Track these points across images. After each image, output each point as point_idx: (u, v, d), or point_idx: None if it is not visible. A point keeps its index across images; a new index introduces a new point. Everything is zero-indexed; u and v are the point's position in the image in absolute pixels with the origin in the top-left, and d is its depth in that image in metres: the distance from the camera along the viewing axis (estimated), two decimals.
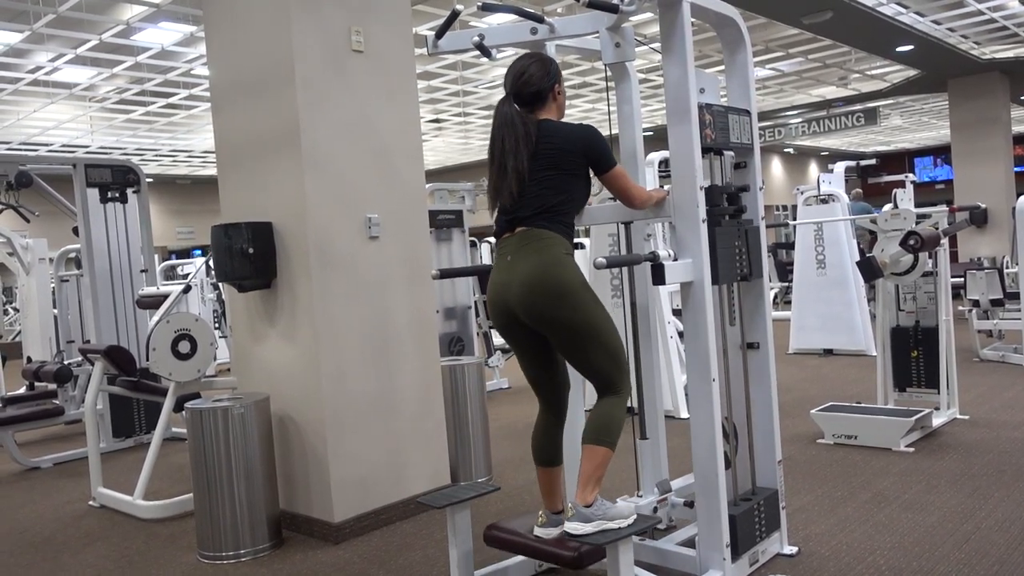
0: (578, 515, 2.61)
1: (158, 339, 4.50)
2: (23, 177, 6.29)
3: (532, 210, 2.69)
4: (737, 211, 3.07)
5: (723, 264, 2.90)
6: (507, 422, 6.26)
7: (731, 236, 2.97)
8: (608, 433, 2.66)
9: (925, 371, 5.27)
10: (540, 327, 2.68)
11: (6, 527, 4.53)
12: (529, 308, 2.64)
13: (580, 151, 2.72)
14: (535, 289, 2.61)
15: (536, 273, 2.62)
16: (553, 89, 2.80)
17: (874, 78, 13.91)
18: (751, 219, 3.16)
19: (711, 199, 2.89)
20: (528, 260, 2.64)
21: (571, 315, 2.61)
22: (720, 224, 2.93)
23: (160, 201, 19.42)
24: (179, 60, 9.98)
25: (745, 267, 3.05)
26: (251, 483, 3.73)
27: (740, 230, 3.03)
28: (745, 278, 3.08)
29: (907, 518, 3.58)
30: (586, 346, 2.64)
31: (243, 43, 4.04)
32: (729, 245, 2.95)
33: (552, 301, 2.60)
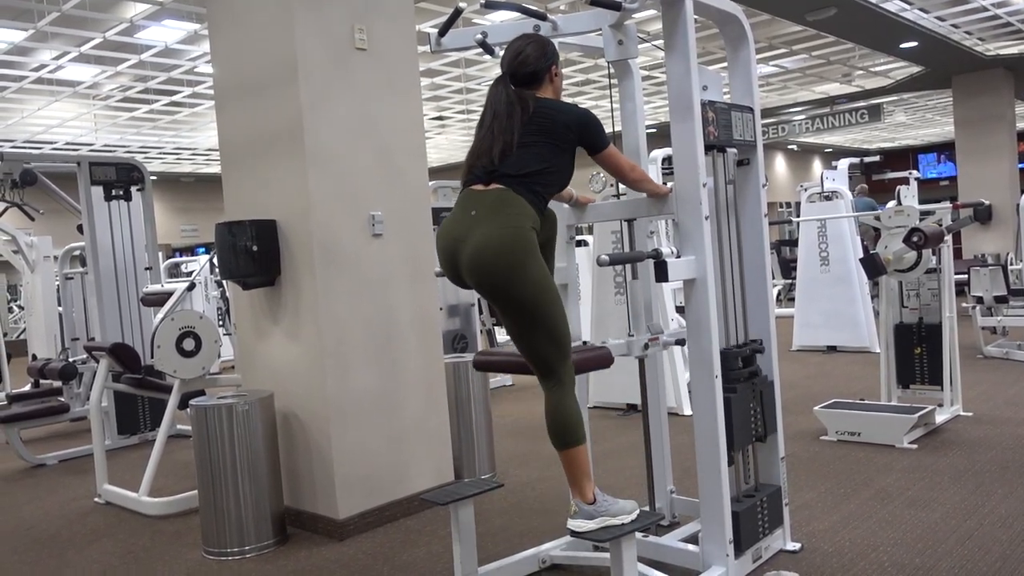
0: (581, 513, 2.61)
1: (163, 336, 4.51)
2: (28, 175, 6.31)
3: (513, 170, 2.60)
4: (752, 374, 3.08)
5: (739, 430, 2.95)
6: (511, 419, 6.27)
7: (746, 400, 3.01)
8: (570, 432, 2.62)
9: (928, 368, 5.26)
10: (484, 295, 2.61)
11: (12, 524, 4.55)
12: (476, 273, 2.56)
13: (575, 128, 2.68)
14: (486, 256, 2.52)
15: (493, 240, 2.51)
16: (550, 70, 2.78)
17: (878, 75, 13.88)
18: (766, 375, 3.17)
19: (726, 363, 2.91)
20: (490, 224, 2.54)
21: (517, 291, 2.51)
22: (736, 391, 2.95)
23: (164, 199, 19.44)
24: (183, 58, 10.00)
25: (760, 427, 3.09)
26: (255, 480, 3.74)
27: (755, 391, 3.06)
28: (760, 439, 3.10)
29: (910, 514, 3.59)
30: (529, 326, 2.56)
31: (247, 41, 4.05)
32: (744, 409, 2.99)
33: (500, 272, 2.51)
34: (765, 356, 3.21)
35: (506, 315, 2.61)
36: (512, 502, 4.19)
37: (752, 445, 3.19)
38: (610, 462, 4.76)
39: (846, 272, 8.20)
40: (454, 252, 2.63)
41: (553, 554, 3.26)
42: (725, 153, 3.10)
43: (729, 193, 3.14)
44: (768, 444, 3.24)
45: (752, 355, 3.12)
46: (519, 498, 4.25)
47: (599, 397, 6.39)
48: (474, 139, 2.73)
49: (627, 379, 5.85)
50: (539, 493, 4.32)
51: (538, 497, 4.25)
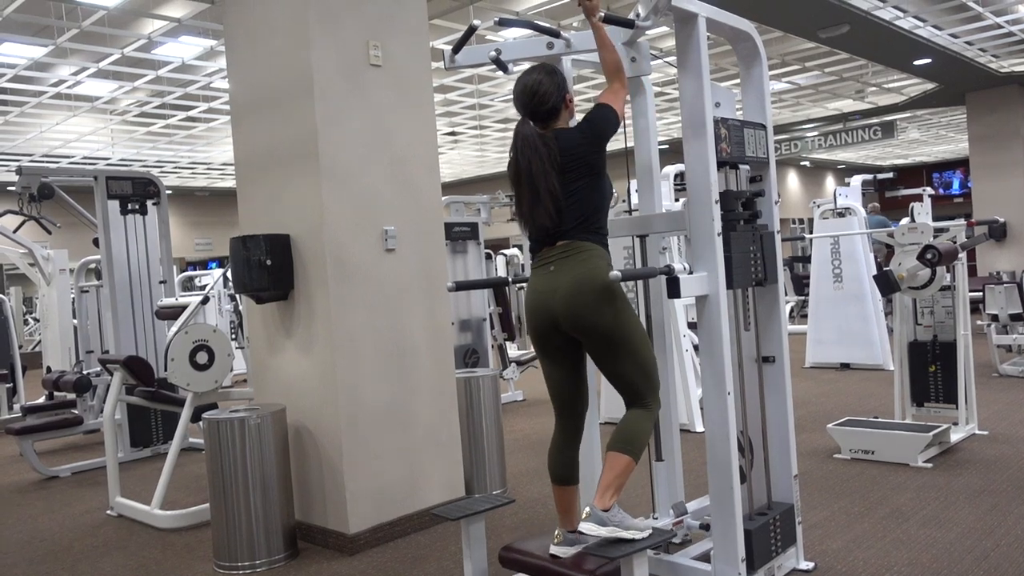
0: (594, 517, 2.62)
1: (176, 350, 4.54)
2: (45, 189, 6.38)
3: (572, 223, 2.74)
4: (752, 216, 3.07)
5: (738, 269, 2.91)
6: (522, 434, 6.26)
7: (746, 241, 2.97)
8: (632, 443, 2.68)
9: (943, 386, 5.22)
10: (578, 331, 2.71)
11: (25, 535, 4.57)
12: (571, 311, 2.68)
13: (594, 142, 2.77)
14: (581, 291, 2.67)
15: (583, 278, 2.68)
16: (565, 99, 2.83)
17: (891, 91, 13.86)
18: (766, 224, 3.15)
19: (726, 204, 2.89)
20: (575, 268, 2.71)
21: (611, 321, 2.66)
22: (735, 229, 2.94)
23: (179, 213, 19.60)
24: (199, 74, 10.10)
25: (760, 272, 3.05)
26: (267, 493, 3.75)
27: (755, 235, 3.04)
28: (760, 283, 3.07)
29: (925, 534, 3.55)
30: (620, 353, 2.69)
31: (262, 57, 4.10)
32: (744, 250, 2.95)
33: (595, 305, 2.66)
34: (777, 367, 3.19)
35: (600, 349, 2.72)
36: (523, 518, 4.18)
37: (766, 462, 3.17)
38: None
39: (859, 289, 8.16)
40: (546, 306, 2.75)
41: None
42: (738, 170, 3.10)
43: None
44: (780, 462, 3.22)
45: (752, 199, 3.10)
46: (530, 514, 4.24)
47: (611, 413, 6.37)
48: (515, 193, 2.81)
49: None
50: (550, 510, 4.30)
51: (549, 513, 4.23)
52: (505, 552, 2.88)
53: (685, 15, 2.81)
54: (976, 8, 9.36)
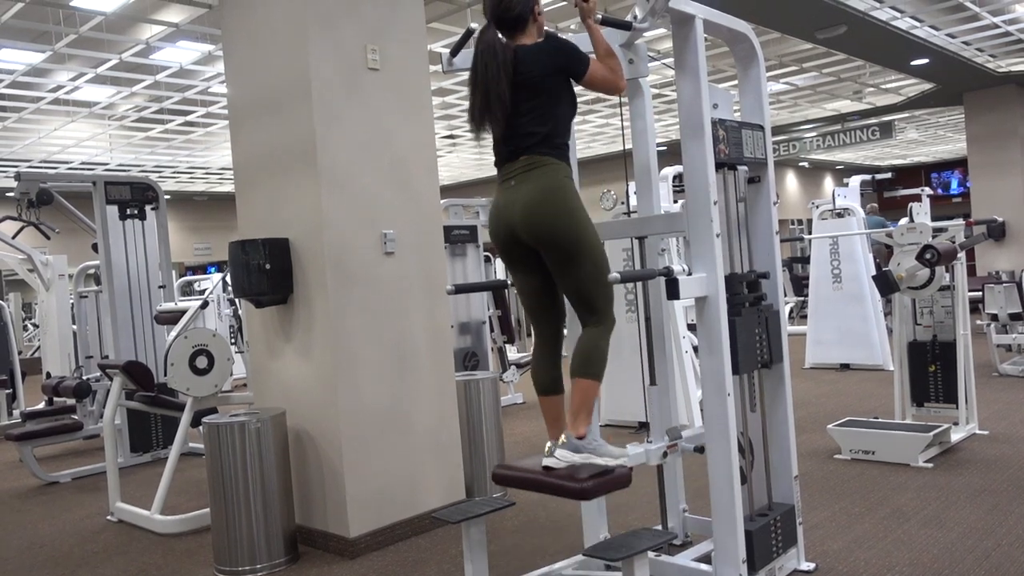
0: (568, 444, 2.66)
1: (176, 354, 4.54)
2: (44, 195, 6.38)
3: (531, 140, 2.72)
4: (757, 299, 3.07)
5: (744, 353, 2.92)
6: (523, 437, 6.25)
7: (751, 323, 2.99)
8: (593, 365, 2.71)
9: (943, 386, 5.22)
10: (538, 243, 2.71)
11: (25, 541, 4.56)
12: (529, 222, 2.69)
13: (556, 69, 2.72)
14: (539, 204, 2.68)
15: (541, 189, 2.69)
16: (533, 11, 2.80)
17: (889, 92, 13.87)
18: (771, 303, 3.15)
19: (731, 288, 2.91)
20: (534, 181, 2.71)
21: (567, 230, 2.66)
22: (740, 314, 2.94)
23: (177, 217, 19.59)
24: (197, 79, 10.11)
25: (766, 354, 3.07)
26: (267, 498, 3.75)
27: (760, 317, 3.05)
28: (766, 365, 3.08)
29: (926, 534, 3.55)
30: (577, 264, 2.69)
31: (261, 61, 4.10)
32: (750, 333, 2.97)
33: (553, 216, 2.67)
34: (777, 368, 3.19)
35: (559, 260, 2.71)
36: (523, 520, 4.17)
37: (767, 463, 3.16)
38: None
39: (859, 289, 8.16)
40: (507, 219, 2.76)
41: (564, 573, 3.24)
42: (736, 171, 3.10)
43: (740, 211, 3.14)
44: (781, 463, 3.22)
45: (757, 280, 3.10)
46: (530, 517, 4.24)
47: (612, 415, 6.37)
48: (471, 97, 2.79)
49: (640, 397, 5.83)
50: (550, 512, 4.30)
51: (549, 516, 4.23)
52: (499, 470, 2.89)
53: (682, 17, 2.81)
54: (973, 8, 9.37)
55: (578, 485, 2.60)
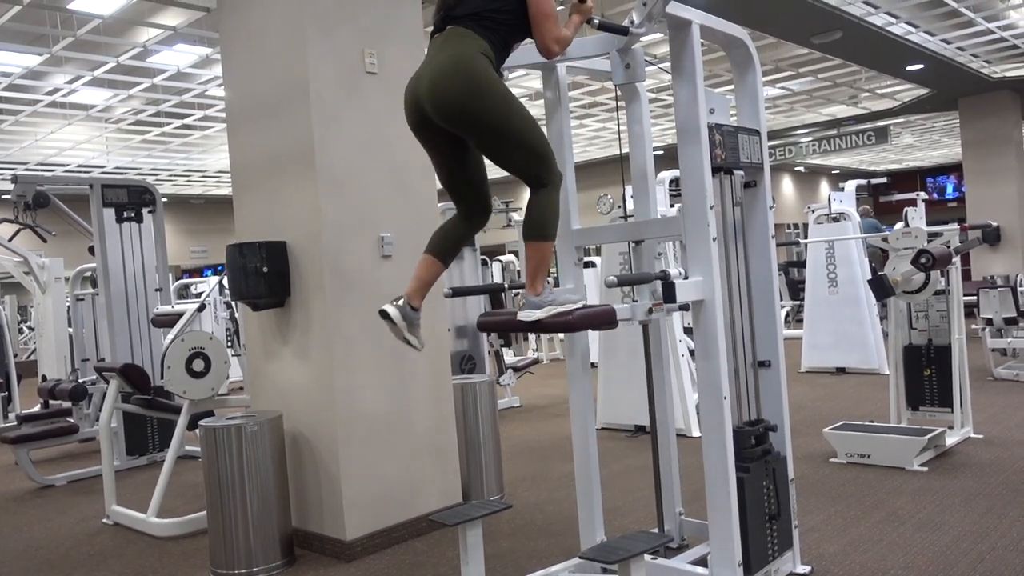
0: (529, 304, 2.62)
1: (172, 357, 4.54)
2: (40, 197, 6.38)
3: (465, 10, 2.58)
4: (764, 452, 3.09)
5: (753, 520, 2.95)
6: (519, 440, 6.26)
7: (759, 478, 3.02)
8: (545, 227, 2.60)
9: (938, 390, 5.24)
10: (451, 124, 2.55)
11: (21, 544, 4.55)
12: (437, 102, 2.51)
13: None
14: (444, 81, 2.49)
15: (447, 65, 2.51)
16: None
17: (884, 97, 13.93)
18: (779, 451, 3.18)
19: (739, 443, 2.93)
20: (443, 52, 2.54)
21: (481, 109, 2.48)
22: (749, 471, 2.96)
23: (174, 220, 19.56)
24: (194, 82, 10.11)
25: (774, 507, 3.09)
26: (264, 501, 3.75)
27: (768, 469, 3.08)
28: (773, 517, 3.09)
29: (921, 537, 3.56)
30: (502, 142, 2.54)
31: (259, 65, 4.11)
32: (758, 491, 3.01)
33: (460, 94, 2.47)
34: (773, 371, 3.20)
35: (480, 138, 2.57)
36: (520, 524, 4.18)
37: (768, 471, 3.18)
38: (618, 484, 4.75)
39: (854, 293, 8.18)
40: (414, 95, 2.61)
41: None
42: (732, 175, 3.12)
43: (736, 215, 3.16)
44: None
45: (765, 433, 3.12)
46: (527, 520, 4.24)
47: (607, 419, 6.38)
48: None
49: (635, 400, 5.84)
50: (547, 515, 4.30)
51: (546, 519, 4.24)
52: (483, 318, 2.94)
53: (679, 22, 2.83)
54: (968, 14, 9.42)
55: (563, 320, 2.60)
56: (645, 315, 2.88)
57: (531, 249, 2.62)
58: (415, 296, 2.74)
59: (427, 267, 2.78)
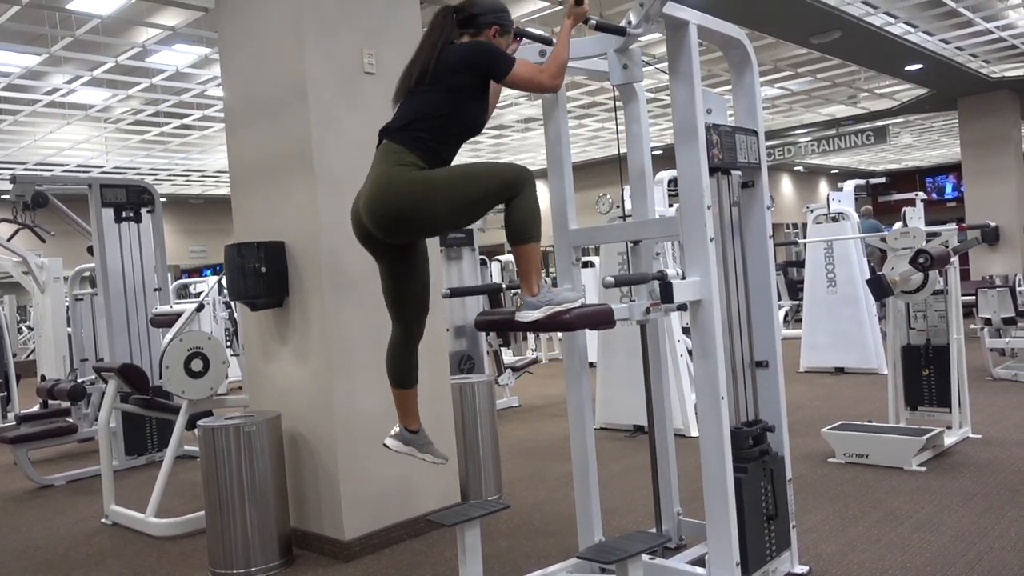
0: (527, 305, 2.62)
1: (171, 357, 4.54)
2: (39, 197, 6.38)
3: (397, 123, 2.65)
4: (762, 452, 3.10)
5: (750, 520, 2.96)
6: (518, 440, 6.26)
7: (757, 478, 3.03)
8: (529, 229, 2.61)
9: (937, 390, 5.24)
10: (398, 238, 2.64)
11: (20, 544, 4.56)
12: (375, 223, 2.60)
13: (467, 65, 2.61)
14: (375, 203, 2.57)
15: (375, 189, 2.59)
16: (490, 28, 2.71)
17: (883, 96, 13.94)
18: (776, 452, 3.18)
19: (737, 443, 2.94)
20: (374, 172, 2.63)
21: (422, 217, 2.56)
22: (747, 471, 2.96)
23: (173, 220, 19.57)
24: (193, 82, 10.11)
25: (772, 507, 3.10)
26: (262, 501, 3.75)
27: (766, 469, 3.08)
28: (771, 518, 3.10)
29: (919, 537, 3.57)
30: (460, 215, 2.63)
31: (258, 65, 4.11)
32: (756, 491, 3.01)
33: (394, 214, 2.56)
34: (770, 371, 3.21)
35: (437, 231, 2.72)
36: (518, 524, 4.18)
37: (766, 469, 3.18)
38: (617, 484, 4.75)
39: (853, 293, 8.19)
40: (357, 210, 2.69)
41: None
42: (730, 175, 3.12)
43: (734, 215, 3.16)
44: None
45: (763, 433, 3.13)
46: (525, 520, 4.24)
47: (606, 419, 6.38)
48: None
49: (634, 401, 5.84)
50: (545, 515, 4.31)
51: (544, 519, 4.24)
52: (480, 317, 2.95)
53: (676, 22, 2.83)
54: (966, 14, 9.42)
55: (561, 319, 2.61)
56: (643, 315, 2.89)
57: (519, 253, 2.64)
58: (408, 421, 2.90)
59: (400, 396, 2.90)
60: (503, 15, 2.76)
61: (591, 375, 3.38)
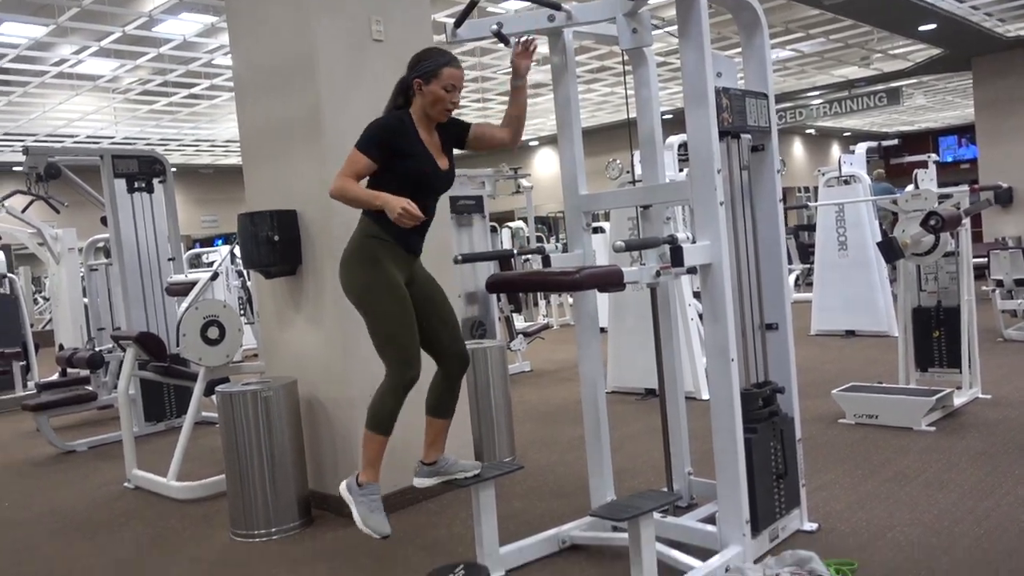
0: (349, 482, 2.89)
1: (188, 325, 4.61)
2: (52, 169, 6.43)
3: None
4: (772, 413, 3.14)
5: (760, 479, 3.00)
6: (530, 405, 6.33)
7: (767, 438, 3.07)
8: (374, 415, 2.87)
9: (947, 351, 5.26)
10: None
11: (46, 508, 4.67)
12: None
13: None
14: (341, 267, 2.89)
15: (342, 256, 2.90)
16: (414, 83, 2.86)
17: (896, 57, 13.76)
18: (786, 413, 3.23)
19: (746, 404, 2.98)
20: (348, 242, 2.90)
21: (354, 298, 2.86)
22: (756, 431, 3.01)
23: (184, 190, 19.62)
24: (200, 51, 10.10)
25: (781, 466, 3.14)
26: (281, 464, 3.83)
27: (775, 430, 3.12)
28: (780, 477, 3.14)
29: (927, 495, 3.62)
30: (368, 326, 2.87)
31: (265, 33, 4.11)
32: (765, 451, 3.06)
33: (344, 282, 2.88)
34: (780, 334, 3.24)
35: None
36: (532, 485, 4.25)
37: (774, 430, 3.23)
38: (629, 446, 4.82)
39: (864, 257, 8.17)
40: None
41: (573, 535, 3.33)
42: (740, 139, 3.13)
43: (744, 179, 3.17)
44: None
45: (772, 395, 3.17)
46: (539, 481, 4.32)
47: (618, 382, 6.44)
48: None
49: (646, 364, 5.89)
50: (558, 477, 4.38)
51: (557, 480, 4.31)
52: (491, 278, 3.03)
53: None
54: None
55: (570, 279, 2.69)
56: (652, 278, 2.92)
57: (364, 436, 2.88)
58: (427, 454, 3.09)
59: (428, 424, 3.10)
60: (418, 65, 2.88)
61: (603, 340, 3.42)
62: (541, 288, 2.78)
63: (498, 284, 2.98)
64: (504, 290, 2.96)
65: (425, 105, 2.88)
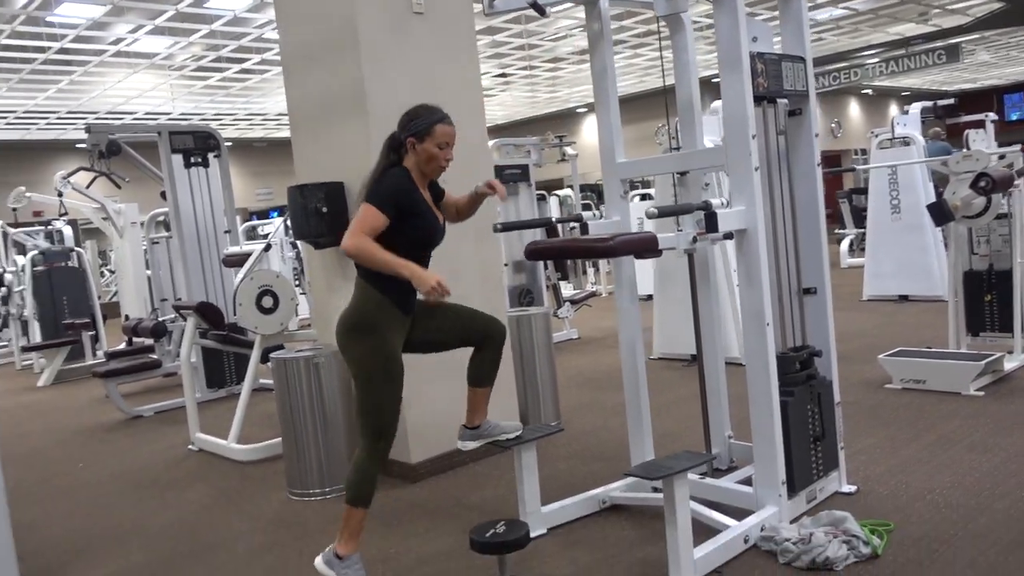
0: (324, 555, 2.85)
1: (243, 295, 4.79)
2: (113, 145, 6.67)
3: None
4: (809, 376, 3.17)
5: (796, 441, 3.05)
6: (576, 371, 6.42)
7: (804, 401, 3.11)
8: (351, 487, 2.88)
9: (999, 315, 5.18)
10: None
11: (117, 469, 4.95)
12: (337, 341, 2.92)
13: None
14: (339, 326, 2.89)
15: (339, 319, 2.90)
16: (406, 141, 2.87)
17: (956, 12, 13.27)
18: (824, 376, 3.25)
19: (783, 368, 3.02)
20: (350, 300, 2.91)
21: (347, 359, 2.87)
22: (793, 394, 3.05)
23: (239, 164, 20.00)
24: (250, 26, 10.28)
25: (818, 429, 3.17)
26: (333, 427, 4.00)
27: (812, 393, 3.15)
28: (818, 439, 3.17)
29: (970, 459, 3.61)
30: (356, 390, 2.88)
31: (309, 7, 4.21)
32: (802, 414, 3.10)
33: (340, 342, 2.89)
34: (819, 298, 3.26)
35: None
36: (575, 449, 4.36)
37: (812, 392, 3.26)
38: (673, 411, 4.88)
39: (918, 220, 8.00)
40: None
41: (613, 495, 3.42)
42: (776, 104, 3.13)
43: (780, 144, 3.17)
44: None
45: (810, 358, 3.20)
46: (582, 445, 4.42)
47: (664, 348, 6.48)
48: None
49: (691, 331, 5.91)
50: (601, 440, 4.47)
51: (599, 444, 4.41)
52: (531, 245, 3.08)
53: None
54: None
55: (605, 245, 2.76)
56: (689, 244, 2.96)
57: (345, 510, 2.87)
58: (470, 419, 3.16)
59: (471, 393, 3.16)
60: (411, 124, 2.88)
61: (648, 307, 3.47)
62: (576, 255, 2.85)
63: (535, 252, 3.06)
64: (541, 257, 3.02)
65: (420, 163, 2.88)
